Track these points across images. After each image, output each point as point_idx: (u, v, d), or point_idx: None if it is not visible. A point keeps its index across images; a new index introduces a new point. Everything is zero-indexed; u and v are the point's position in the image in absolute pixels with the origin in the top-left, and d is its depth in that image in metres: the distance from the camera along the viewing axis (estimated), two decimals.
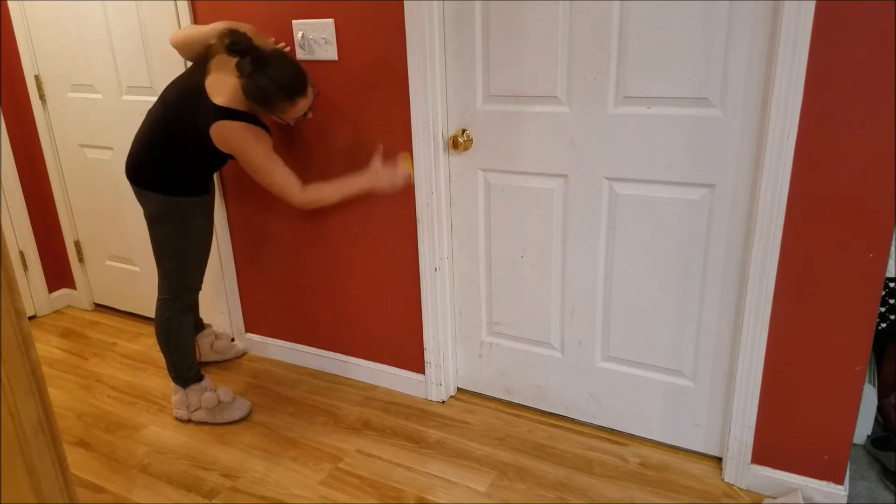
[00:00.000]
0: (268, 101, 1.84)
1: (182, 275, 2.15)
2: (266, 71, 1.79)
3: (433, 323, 2.27)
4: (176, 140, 1.97)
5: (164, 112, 1.98)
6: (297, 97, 1.87)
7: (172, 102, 1.97)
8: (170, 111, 1.97)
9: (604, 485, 1.93)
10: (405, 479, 1.99)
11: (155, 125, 2.00)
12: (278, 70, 1.81)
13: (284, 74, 1.82)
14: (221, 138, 1.90)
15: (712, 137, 1.71)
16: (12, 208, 3.00)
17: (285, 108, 1.87)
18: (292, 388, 2.49)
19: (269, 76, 1.80)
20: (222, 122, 1.88)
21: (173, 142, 1.97)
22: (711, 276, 1.84)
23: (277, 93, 1.83)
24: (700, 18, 1.63)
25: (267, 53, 1.82)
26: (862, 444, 2.04)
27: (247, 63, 1.79)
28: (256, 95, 1.82)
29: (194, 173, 2.03)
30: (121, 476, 2.06)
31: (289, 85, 1.84)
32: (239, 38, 1.79)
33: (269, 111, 1.88)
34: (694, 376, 1.96)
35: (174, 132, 1.96)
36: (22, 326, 1.15)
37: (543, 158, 1.96)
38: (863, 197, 1.54)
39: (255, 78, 1.79)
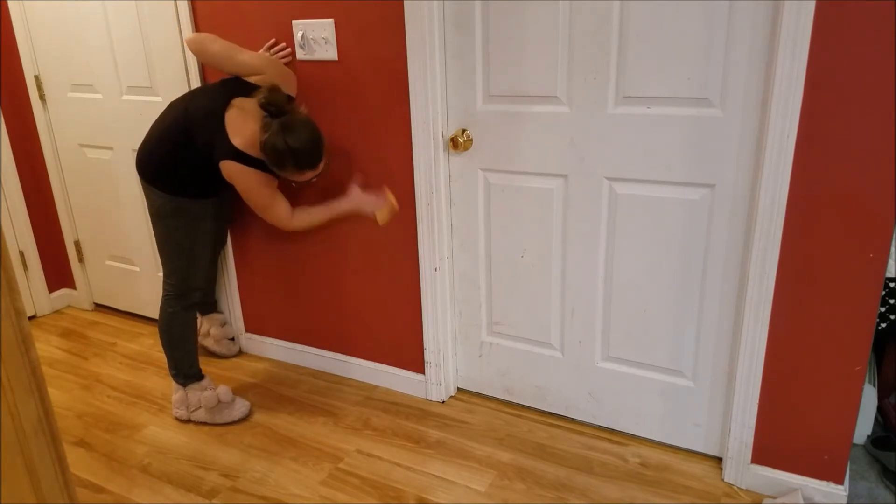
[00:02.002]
0: (277, 162, 1.91)
1: (186, 273, 2.15)
2: (287, 137, 1.86)
3: (433, 323, 2.27)
4: (187, 154, 1.99)
5: (184, 122, 1.99)
6: (305, 169, 1.94)
7: (194, 118, 1.98)
8: (189, 125, 1.98)
9: (604, 485, 1.93)
10: (405, 479, 1.99)
11: (172, 130, 2.01)
12: (298, 140, 1.88)
13: (303, 146, 1.89)
14: (229, 175, 1.97)
15: (712, 137, 1.71)
16: (12, 208, 3.00)
17: (291, 173, 1.95)
18: (292, 388, 2.49)
19: (287, 143, 1.87)
20: (233, 163, 1.95)
21: (185, 154, 1.99)
22: (711, 276, 1.84)
23: (289, 159, 1.90)
24: (700, 18, 1.63)
25: (294, 121, 1.89)
26: (862, 444, 2.04)
27: (274, 125, 1.87)
28: (269, 153, 1.90)
29: (201, 183, 2.04)
30: (121, 476, 2.06)
31: (303, 156, 1.91)
32: (276, 100, 1.87)
33: (276, 170, 1.96)
34: (694, 376, 1.96)
35: (188, 147, 1.98)
36: (22, 326, 1.15)
37: (543, 158, 1.96)
38: (863, 197, 1.54)
39: (275, 139, 1.86)
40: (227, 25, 2.28)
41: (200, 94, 2.06)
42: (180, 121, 2.00)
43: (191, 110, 2.00)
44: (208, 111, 1.97)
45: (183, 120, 1.99)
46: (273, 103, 1.87)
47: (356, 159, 2.20)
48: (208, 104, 1.99)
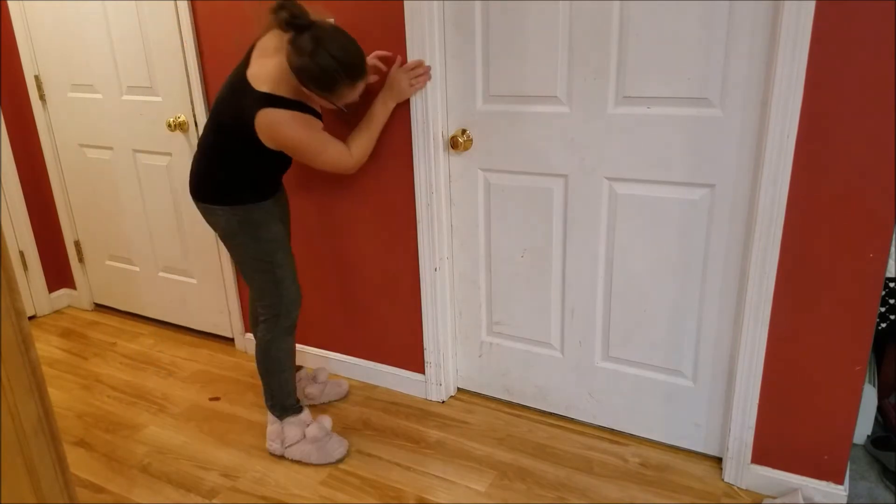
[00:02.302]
0: (328, 82, 1.65)
1: (277, 288, 1.95)
2: (329, 49, 1.61)
3: (433, 323, 2.27)
4: (227, 142, 1.81)
5: (210, 117, 1.85)
6: (357, 79, 1.70)
7: (218, 101, 1.83)
8: (215, 114, 1.83)
9: (604, 485, 1.93)
10: (405, 479, 1.99)
11: (205, 133, 1.87)
12: (341, 48, 1.63)
13: (347, 53, 1.64)
14: (268, 129, 1.72)
15: (712, 137, 1.71)
16: (12, 208, 3.00)
17: (344, 91, 1.69)
18: None
19: (332, 55, 1.61)
20: (268, 111, 1.69)
21: (225, 144, 1.81)
22: (711, 276, 1.84)
23: (340, 73, 1.64)
24: (700, 18, 1.63)
25: (324, 31, 1.63)
26: (862, 444, 2.04)
27: (306, 40, 1.60)
28: (317, 76, 1.63)
29: (253, 178, 1.86)
30: (121, 476, 2.06)
31: (352, 65, 1.66)
32: (297, 12, 1.61)
33: (328, 94, 1.69)
34: (694, 376, 1.96)
35: (223, 132, 1.81)
36: (22, 326, 1.15)
37: (543, 158, 1.96)
38: (863, 197, 1.54)
39: (317, 57, 1.60)
40: (227, 25, 2.28)
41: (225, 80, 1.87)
42: (208, 123, 1.86)
43: (214, 105, 1.84)
44: (230, 86, 1.79)
45: (210, 118, 1.85)
46: (296, 16, 1.61)
47: None
48: (227, 84, 1.82)
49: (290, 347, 2.05)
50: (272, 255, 1.94)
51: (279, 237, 1.95)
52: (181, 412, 2.38)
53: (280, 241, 1.95)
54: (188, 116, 2.51)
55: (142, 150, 2.72)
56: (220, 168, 1.85)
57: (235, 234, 1.91)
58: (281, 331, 2.01)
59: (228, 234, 1.92)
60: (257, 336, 2.04)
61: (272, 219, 1.93)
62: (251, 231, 1.90)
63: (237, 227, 1.90)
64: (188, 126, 2.53)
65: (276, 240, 1.94)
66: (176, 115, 2.54)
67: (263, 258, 1.93)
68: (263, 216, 1.91)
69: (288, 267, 1.97)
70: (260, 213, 1.90)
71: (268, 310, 1.99)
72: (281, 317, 1.99)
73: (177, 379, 2.60)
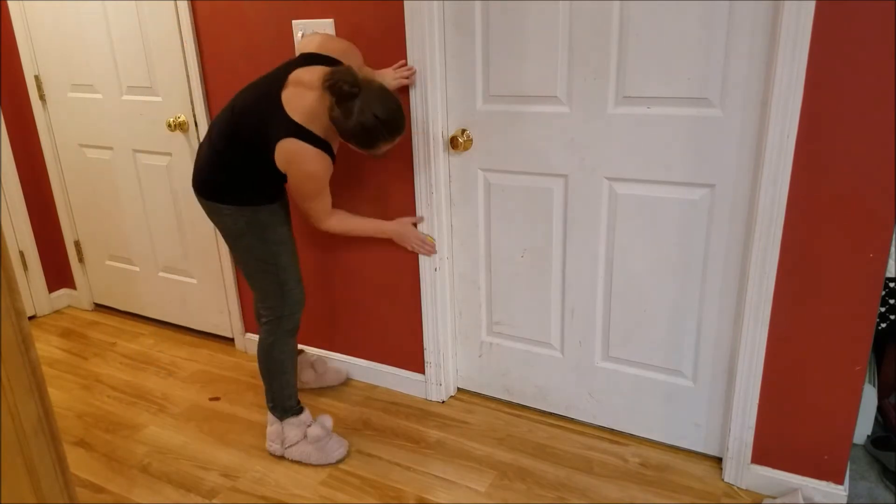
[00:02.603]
0: (370, 140, 1.73)
1: (280, 290, 1.96)
2: (374, 111, 1.69)
3: (433, 323, 2.27)
4: (239, 148, 1.81)
5: (230, 117, 1.83)
6: (397, 136, 1.78)
7: (241, 109, 1.82)
8: (237, 117, 1.82)
9: (604, 485, 1.93)
10: (405, 479, 1.99)
11: (220, 132, 1.85)
12: (385, 110, 1.71)
13: (390, 114, 1.72)
14: (286, 156, 1.76)
15: (712, 137, 1.71)
16: (12, 208, 3.01)
17: (382, 147, 1.77)
18: None
19: (377, 117, 1.69)
20: (294, 141, 1.74)
21: (237, 150, 1.82)
22: (711, 276, 1.84)
23: (382, 132, 1.72)
24: (700, 18, 1.63)
25: (372, 94, 1.71)
26: (862, 444, 2.04)
27: (355, 105, 1.69)
28: (360, 134, 1.72)
29: (261, 182, 1.86)
30: (121, 476, 2.06)
31: (393, 124, 1.74)
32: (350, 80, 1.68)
33: (366, 148, 1.77)
34: (694, 376, 1.96)
35: (239, 140, 1.81)
36: (22, 326, 1.15)
37: (543, 158, 1.96)
38: (863, 197, 1.54)
39: (361, 118, 1.69)
40: (227, 25, 2.28)
41: (244, 91, 1.87)
42: (226, 122, 1.84)
43: (237, 107, 1.83)
44: (260, 97, 1.79)
45: (229, 117, 1.83)
46: (352, 84, 1.67)
47: (356, 159, 2.20)
48: (257, 93, 1.81)
49: (291, 349, 2.05)
50: (277, 257, 1.93)
51: (285, 239, 1.95)
52: (181, 412, 2.38)
53: (285, 244, 1.95)
54: (188, 116, 2.51)
55: (142, 150, 2.72)
56: (229, 171, 1.85)
57: (242, 234, 1.90)
58: (283, 332, 2.00)
59: (234, 234, 1.91)
60: (259, 338, 2.04)
61: (279, 221, 1.93)
62: (258, 232, 1.90)
63: (244, 228, 1.89)
64: (188, 126, 2.53)
65: (282, 242, 1.94)
66: (176, 115, 2.54)
67: (268, 260, 1.93)
68: (270, 218, 1.91)
69: (292, 269, 1.97)
70: (267, 215, 1.90)
71: (270, 311, 1.99)
72: (283, 319, 1.99)
73: (177, 379, 2.60)
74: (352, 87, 1.67)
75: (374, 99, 1.69)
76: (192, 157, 2.57)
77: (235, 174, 1.84)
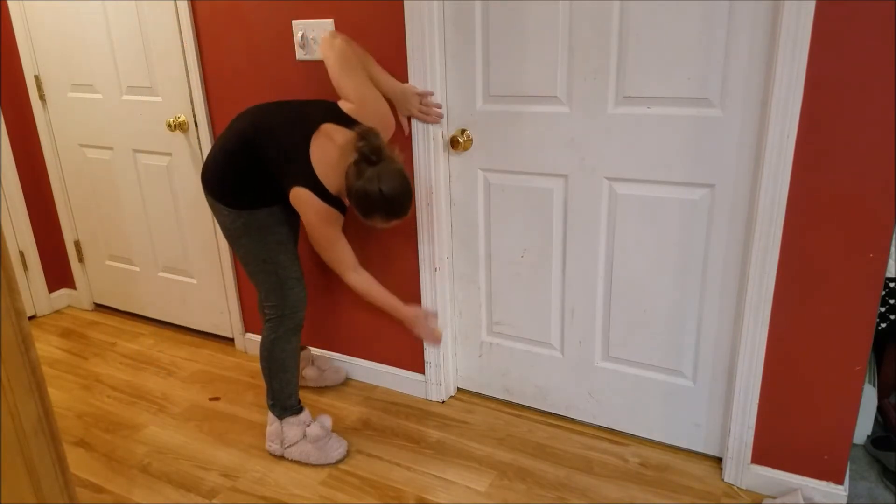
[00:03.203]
0: (366, 208, 1.78)
1: (282, 289, 1.97)
2: (381, 185, 1.74)
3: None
4: (253, 162, 1.85)
5: (253, 132, 1.85)
6: (392, 218, 1.82)
7: (268, 131, 1.84)
8: (262, 135, 1.84)
9: (604, 485, 1.93)
10: (405, 479, 1.99)
11: (239, 146, 1.86)
12: (392, 189, 1.76)
13: (396, 195, 1.77)
14: (296, 201, 1.83)
15: (712, 137, 1.71)
16: (12, 208, 3.01)
17: (377, 221, 1.82)
18: None
19: (381, 190, 1.74)
20: (305, 192, 1.80)
21: (250, 162, 1.85)
22: (711, 276, 1.84)
23: (380, 207, 1.77)
24: (700, 18, 1.63)
25: (391, 169, 1.77)
26: (862, 444, 2.04)
27: (370, 171, 1.75)
28: (359, 199, 1.77)
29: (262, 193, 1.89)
30: (121, 476, 2.06)
31: (395, 206, 1.79)
32: (375, 148, 1.75)
33: (361, 215, 1.82)
34: (694, 376, 1.96)
35: (255, 155, 1.84)
36: (22, 326, 1.15)
37: (543, 158, 1.96)
38: (863, 197, 1.54)
39: (368, 185, 1.74)
40: (227, 25, 2.28)
41: (273, 111, 1.90)
42: (248, 139, 1.85)
43: (262, 128, 1.85)
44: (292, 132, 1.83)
45: (252, 137, 1.84)
46: (374, 151, 1.74)
47: None
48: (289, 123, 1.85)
49: (293, 348, 2.05)
50: (276, 257, 1.95)
51: (283, 239, 1.95)
52: (181, 412, 2.38)
53: (284, 244, 1.96)
54: (188, 116, 2.51)
55: (142, 150, 2.72)
56: (234, 176, 1.87)
57: (239, 235, 1.93)
58: (285, 331, 2.01)
59: (233, 233, 1.94)
60: (262, 337, 2.05)
61: (277, 221, 1.94)
62: (254, 233, 1.91)
63: (241, 229, 1.91)
64: (188, 126, 2.53)
65: (281, 242, 1.95)
66: (176, 115, 2.54)
67: (266, 259, 1.94)
68: (268, 219, 1.92)
69: (292, 268, 1.98)
70: (265, 216, 1.91)
71: (273, 310, 2.00)
72: (285, 318, 2.00)
73: (177, 379, 2.60)
74: (372, 154, 1.73)
75: (387, 175, 1.74)
76: (192, 157, 2.57)
77: (240, 180, 1.87)
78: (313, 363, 2.48)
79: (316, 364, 2.48)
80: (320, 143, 1.82)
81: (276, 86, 2.26)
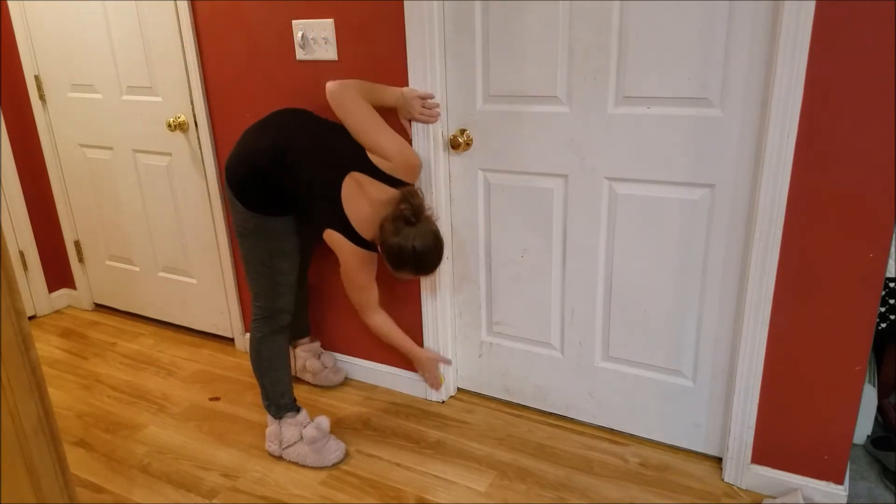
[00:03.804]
0: (398, 262, 1.86)
1: (272, 294, 2.00)
2: (415, 242, 1.83)
3: (433, 323, 2.27)
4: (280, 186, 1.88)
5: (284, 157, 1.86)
6: (421, 274, 1.92)
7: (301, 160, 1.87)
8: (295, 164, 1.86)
9: (604, 485, 1.93)
10: (405, 479, 1.99)
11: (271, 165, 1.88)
12: (425, 248, 1.85)
13: (429, 254, 1.87)
14: (332, 244, 1.91)
15: (712, 137, 1.71)
16: (12, 208, 3.00)
17: (404, 274, 1.91)
18: None
19: (415, 248, 1.83)
20: (340, 237, 1.88)
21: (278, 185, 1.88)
22: (711, 276, 1.83)
23: (411, 263, 1.86)
24: (700, 18, 1.63)
25: (426, 231, 1.86)
26: (862, 444, 2.04)
27: (408, 230, 1.83)
28: (393, 253, 1.85)
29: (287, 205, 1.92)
30: (121, 476, 2.06)
31: (426, 263, 1.89)
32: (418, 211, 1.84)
33: (391, 266, 1.89)
34: (694, 376, 1.96)
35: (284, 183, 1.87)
36: (22, 326, 1.15)
37: (543, 158, 1.96)
38: (863, 197, 1.54)
39: (404, 241, 1.82)
40: (227, 25, 2.28)
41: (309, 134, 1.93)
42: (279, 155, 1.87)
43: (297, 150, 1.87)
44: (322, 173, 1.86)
45: (282, 155, 1.87)
46: (416, 213, 1.83)
47: None
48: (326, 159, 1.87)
49: (281, 346, 2.07)
50: (278, 264, 1.97)
51: (288, 249, 1.98)
52: (181, 412, 2.38)
53: (288, 253, 1.98)
54: (188, 116, 2.51)
55: (142, 150, 2.72)
56: (260, 187, 1.89)
57: (248, 234, 1.96)
58: (270, 331, 2.04)
59: (241, 231, 1.97)
60: (250, 336, 2.08)
61: (289, 231, 1.97)
62: (263, 236, 1.95)
63: (252, 229, 1.94)
64: (188, 126, 2.53)
65: (286, 251, 1.98)
66: (176, 115, 2.54)
67: (266, 263, 1.97)
68: (281, 227, 1.95)
69: (290, 276, 2.01)
70: (279, 224, 1.94)
71: (258, 310, 2.04)
72: (269, 319, 2.04)
73: (177, 379, 2.60)
74: (413, 217, 1.83)
75: (421, 235, 1.84)
76: (192, 157, 2.57)
77: (264, 189, 1.90)
78: (319, 357, 2.49)
79: (321, 359, 2.49)
80: (353, 192, 1.87)
81: (276, 86, 2.27)
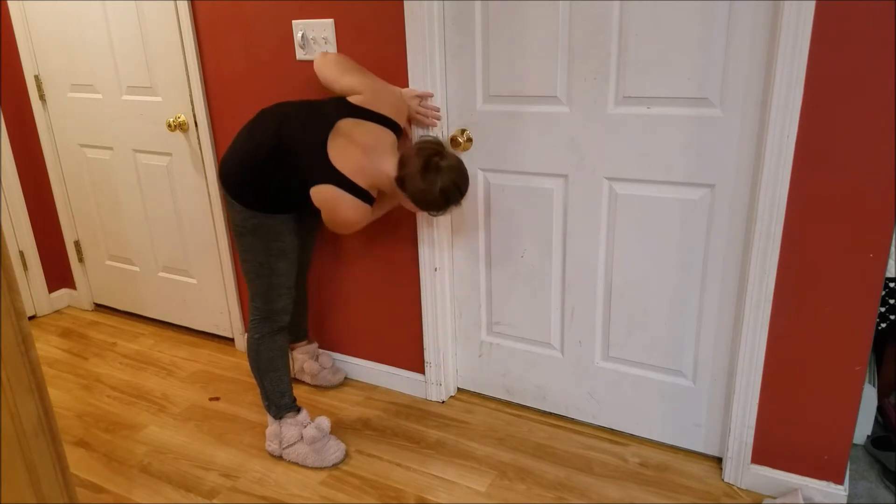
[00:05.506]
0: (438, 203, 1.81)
1: (269, 295, 1.99)
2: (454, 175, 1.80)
3: (433, 323, 2.27)
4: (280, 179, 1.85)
5: (276, 141, 1.84)
6: (454, 206, 1.86)
7: (290, 139, 1.83)
8: (284, 145, 1.83)
9: (604, 485, 1.93)
10: (405, 479, 1.99)
11: (262, 148, 1.85)
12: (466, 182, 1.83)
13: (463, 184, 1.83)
14: (323, 200, 1.82)
15: (712, 137, 1.71)
16: (12, 208, 3.01)
17: (437, 212, 1.86)
18: None
19: (457, 184, 1.80)
20: (336, 190, 1.80)
21: (278, 178, 1.85)
22: (711, 276, 1.84)
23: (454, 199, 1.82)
24: (700, 18, 1.63)
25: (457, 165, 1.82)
26: (862, 444, 2.04)
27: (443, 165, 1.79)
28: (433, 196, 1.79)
29: (283, 198, 1.89)
30: (121, 476, 2.06)
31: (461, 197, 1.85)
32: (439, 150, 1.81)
33: (426, 209, 1.85)
34: (694, 376, 1.96)
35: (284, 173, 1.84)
36: (22, 326, 1.15)
37: (543, 158, 1.96)
38: (863, 197, 1.54)
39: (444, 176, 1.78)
40: (227, 25, 2.28)
41: (296, 112, 1.89)
42: (272, 141, 1.85)
43: (285, 134, 1.84)
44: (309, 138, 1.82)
45: (275, 141, 1.84)
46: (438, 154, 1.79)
47: None
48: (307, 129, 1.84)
49: (279, 347, 2.06)
50: (275, 264, 1.96)
51: (287, 249, 1.97)
52: (181, 412, 2.38)
53: (287, 253, 1.97)
54: (188, 116, 2.51)
55: (142, 150, 2.72)
56: (260, 184, 1.87)
57: (246, 233, 1.94)
58: (269, 331, 2.03)
59: (240, 231, 1.95)
60: (247, 336, 2.07)
61: (288, 230, 1.95)
62: (262, 236, 1.93)
63: (251, 229, 1.93)
64: (188, 126, 2.53)
65: (285, 251, 1.96)
66: (176, 115, 2.54)
67: (265, 263, 1.95)
68: (280, 225, 1.93)
69: (288, 277, 2.00)
70: (278, 222, 1.93)
71: (257, 311, 2.03)
72: (267, 320, 2.03)
73: (177, 379, 2.60)
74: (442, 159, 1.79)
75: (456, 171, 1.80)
76: (192, 157, 2.57)
77: (263, 186, 1.87)
78: (317, 359, 2.49)
79: (320, 361, 2.48)
80: (340, 144, 1.81)
81: (276, 86, 2.27)
